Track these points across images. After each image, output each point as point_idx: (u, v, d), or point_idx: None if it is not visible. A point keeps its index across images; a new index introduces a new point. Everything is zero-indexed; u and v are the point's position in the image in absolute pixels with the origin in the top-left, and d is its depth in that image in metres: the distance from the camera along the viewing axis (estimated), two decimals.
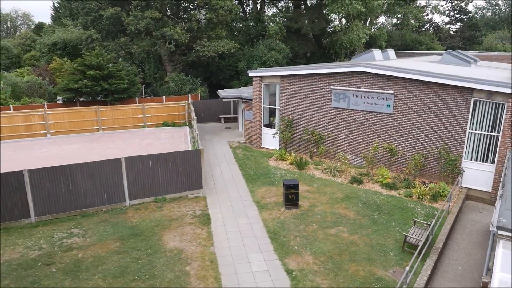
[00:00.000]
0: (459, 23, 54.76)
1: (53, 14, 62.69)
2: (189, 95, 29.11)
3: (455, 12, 54.28)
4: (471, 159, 15.64)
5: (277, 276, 10.36)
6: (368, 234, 12.31)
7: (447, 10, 55.01)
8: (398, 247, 11.58)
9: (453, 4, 53.89)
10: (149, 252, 11.26)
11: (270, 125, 21.80)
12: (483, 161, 15.40)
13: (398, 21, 48.32)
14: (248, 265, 10.87)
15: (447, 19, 57.42)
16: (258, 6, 40.94)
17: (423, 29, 54.85)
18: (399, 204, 14.55)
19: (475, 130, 15.32)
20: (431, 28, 55.36)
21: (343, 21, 39.16)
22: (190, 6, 30.61)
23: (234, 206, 14.55)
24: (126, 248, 11.47)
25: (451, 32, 55.59)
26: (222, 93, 24.22)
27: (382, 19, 45.75)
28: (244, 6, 42.47)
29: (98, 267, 10.53)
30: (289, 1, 42.12)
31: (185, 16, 31.08)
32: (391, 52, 27.48)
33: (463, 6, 53.26)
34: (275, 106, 21.26)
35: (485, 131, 15.13)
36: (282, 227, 12.86)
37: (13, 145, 22.58)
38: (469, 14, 54.22)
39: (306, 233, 12.43)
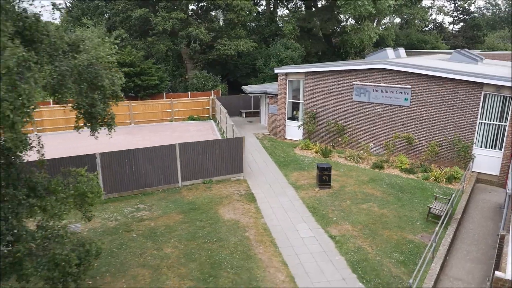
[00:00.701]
0: (461, 23, 56.80)
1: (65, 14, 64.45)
2: (212, 91, 30.98)
3: (458, 12, 56.37)
4: (481, 146, 17.56)
5: (322, 240, 12.28)
6: (395, 208, 14.25)
7: (450, 11, 57.13)
8: (422, 218, 13.51)
9: (456, 5, 55.97)
10: (210, 222, 13.15)
11: (293, 118, 23.70)
12: (492, 148, 17.32)
13: (403, 21, 50.22)
14: (296, 232, 12.78)
15: (450, 19, 59.57)
16: (271, 6, 42.77)
17: (426, 28, 56.87)
18: (418, 185, 16.48)
19: (485, 120, 17.24)
20: (434, 28, 57.36)
21: (352, 21, 40.98)
22: (211, 7, 32.45)
23: (273, 187, 16.45)
24: (190, 219, 13.36)
25: (454, 32, 57.66)
26: (248, 88, 26.10)
27: (385, 19, 47.37)
28: (257, 7, 44.28)
29: (171, 233, 12.43)
30: (300, 2, 43.97)
31: (207, 16, 32.92)
32: (401, 50, 29.39)
33: (466, 7, 55.34)
34: (298, 100, 23.16)
35: (493, 121, 17.05)
36: (319, 203, 14.78)
37: (57, 136, 24.39)
38: (472, 15, 56.28)
39: (342, 207, 14.35)
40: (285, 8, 45.66)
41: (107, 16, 35.93)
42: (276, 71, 23.15)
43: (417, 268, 9.72)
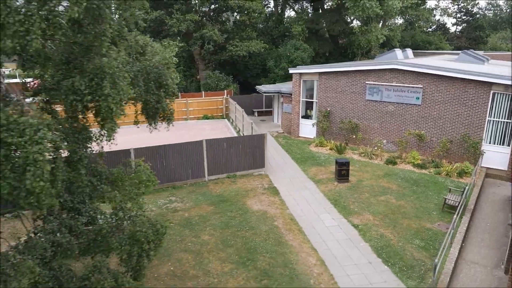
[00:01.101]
0: (464, 24, 57.84)
1: None
2: (225, 91, 31.90)
3: (462, 14, 57.43)
4: (489, 143, 18.48)
5: (346, 229, 13.19)
6: (411, 200, 15.17)
7: (453, 12, 58.19)
8: (438, 209, 14.43)
9: (459, 6, 57.04)
10: (240, 213, 14.06)
11: (307, 116, 24.62)
12: (500, 144, 18.25)
13: (407, 22, 51.14)
14: (321, 222, 13.69)
15: (453, 20, 60.59)
16: (280, 9, 43.69)
17: (430, 29, 57.88)
18: (431, 179, 17.40)
19: (494, 118, 18.17)
20: (437, 29, 58.35)
21: (359, 22, 41.87)
22: (223, 8, 33.38)
23: (293, 182, 17.36)
24: (221, 210, 14.27)
25: (457, 33, 58.70)
26: (262, 88, 27.01)
27: (390, 20, 48.31)
28: (265, 8, 45.20)
29: (205, 222, 13.34)
30: (307, 3, 44.89)
31: (218, 18, 33.86)
32: (409, 51, 30.31)
33: (470, 8, 56.38)
34: (311, 99, 24.07)
35: (502, 119, 17.97)
36: (339, 196, 15.69)
37: None
38: (475, 16, 57.33)
39: (361, 199, 15.27)
40: (292, 9, 46.58)
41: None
42: (290, 71, 24.07)
43: (439, 252, 10.62)
